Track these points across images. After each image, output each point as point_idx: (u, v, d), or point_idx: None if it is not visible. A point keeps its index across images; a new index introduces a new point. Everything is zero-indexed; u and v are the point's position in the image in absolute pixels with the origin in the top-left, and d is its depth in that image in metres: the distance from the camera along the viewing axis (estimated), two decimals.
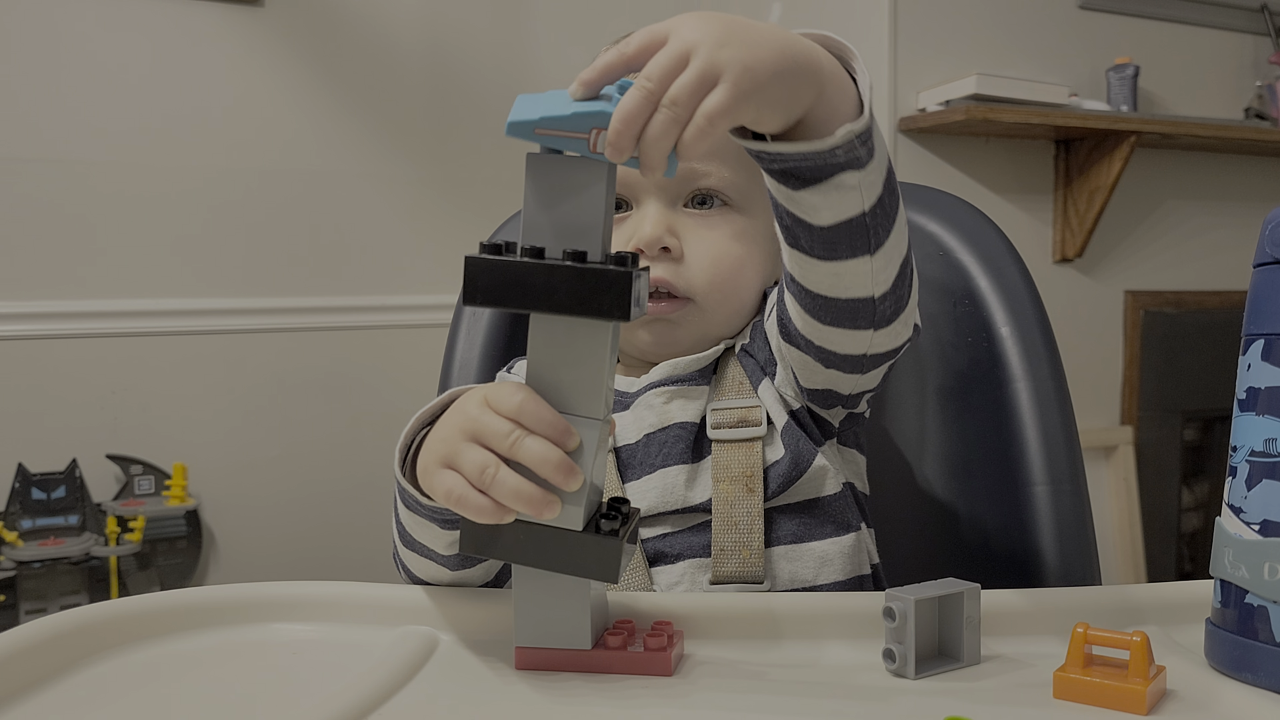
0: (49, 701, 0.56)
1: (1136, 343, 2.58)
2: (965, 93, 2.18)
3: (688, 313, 0.81)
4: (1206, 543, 0.71)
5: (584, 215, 0.53)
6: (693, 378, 0.81)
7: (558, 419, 0.55)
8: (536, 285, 0.52)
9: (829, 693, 0.55)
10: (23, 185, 2.08)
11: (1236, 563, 0.54)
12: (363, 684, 0.56)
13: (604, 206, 0.53)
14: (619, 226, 0.81)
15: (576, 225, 0.53)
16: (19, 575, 2.01)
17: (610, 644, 0.58)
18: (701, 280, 0.80)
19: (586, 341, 0.54)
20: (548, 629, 0.58)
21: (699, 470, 0.78)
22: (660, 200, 0.80)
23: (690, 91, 0.52)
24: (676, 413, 0.80)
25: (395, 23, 2.38)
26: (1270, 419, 0.53)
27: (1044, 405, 0.87)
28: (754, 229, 0.83)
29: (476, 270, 0.52)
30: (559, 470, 0.54)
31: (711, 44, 0.52)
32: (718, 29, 0.53)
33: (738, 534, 0.75)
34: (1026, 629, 0.63)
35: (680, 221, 0.80)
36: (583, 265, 0.51)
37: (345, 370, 2.31)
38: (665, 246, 0.79)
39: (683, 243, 0.80)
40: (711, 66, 0.52)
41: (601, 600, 0.61)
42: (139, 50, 2.16)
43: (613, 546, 0.54)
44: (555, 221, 0.53)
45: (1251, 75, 2.71)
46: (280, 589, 0.69)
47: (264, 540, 2.27)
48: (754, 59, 0.53)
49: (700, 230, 0.80)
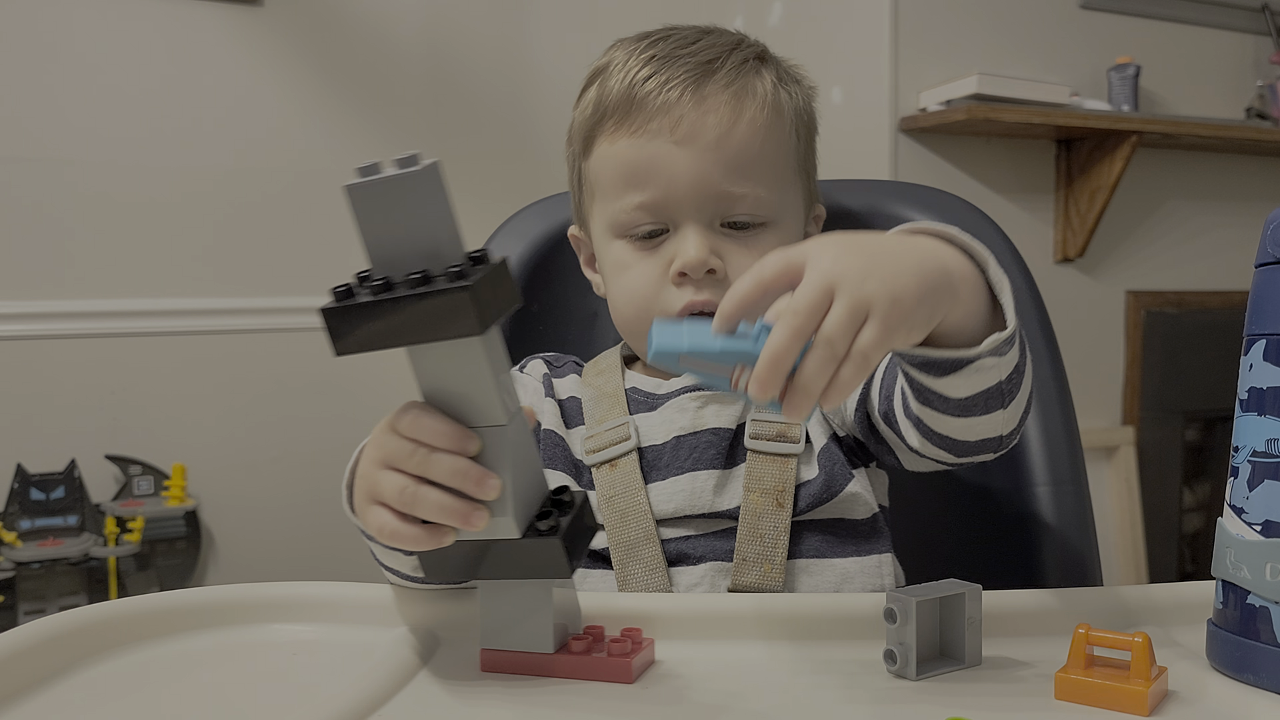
0: (48, 702, 0.56)
1: (1138, 343, 2.58)
2: (966, 92, 2.17)
3: None
4: (1208, 543, 0.71)
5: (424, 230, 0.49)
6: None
7: (451, 428, 0.53)
8: (390, 322, 0.49)
9: (830, 694, 0.55)
10: (21, 185, 2.08)
11: (1238, 563, 0.54)
12: (362, 685, 0.55)
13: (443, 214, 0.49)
14: (655, 252, 0.81)
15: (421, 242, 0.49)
16: (18, 576, 2.01)
17: (574, 649, 0.58)
18: None
19: (461, 357, 0.52)
20: (511, 632, 0.58)
21: (730, 477, 0.78)
22: (699, 223, 0.79)
23: (844, 330, 0.50)
24: (710, 418, 0.80)
25: (395, 22, 2.38)
26: (1272, 419, 0.53)
27: (1045, 405, 0.87)
28: (786, 240, 0.83)
29: (333, 321, 0.50)
30: (469, 480, 0.52)
31: (856, 278, 0.51)
32: (858, 260, 0.52)
33: (762, 546, 0.75)
34: (1028, 630, 0.63)
35: (720, 243, 0.80)
36: (425, 292, 0.48)
37: (345, 371, 2.30)
38: (710, 269, 0.78)
39: (725, 264, 0.79)
40: (860, 302, 0.51)
41: (571, 605, 0.61)
42: (139, 51, 2.16)
43: (553, 546, 0.53)
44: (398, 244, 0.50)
45: (1253, 75, 2.70)
46: (279, 589, 0.69)
47: (263, 541, 2.27)
48: (899, 289, 0.52)
49: (741, 251, 0.80)
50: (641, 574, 0.76)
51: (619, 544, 0.76)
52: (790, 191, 0.84)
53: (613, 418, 0.82)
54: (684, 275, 0.79)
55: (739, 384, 0.51)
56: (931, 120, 2.22)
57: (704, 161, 0.78)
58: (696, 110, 0.78)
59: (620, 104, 0.80)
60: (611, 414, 0.82)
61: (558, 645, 0.58)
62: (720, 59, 0.81)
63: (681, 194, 0.79)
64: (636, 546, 0.76)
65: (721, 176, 0.78)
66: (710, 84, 0.79)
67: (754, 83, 0.81)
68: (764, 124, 0.80)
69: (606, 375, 0.86)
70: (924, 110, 2.25)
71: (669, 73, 0.79)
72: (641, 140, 0.79)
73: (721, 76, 0.80)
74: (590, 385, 0.86)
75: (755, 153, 0.80)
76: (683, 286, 0.79)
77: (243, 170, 2.25)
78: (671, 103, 0.79)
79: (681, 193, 0.79)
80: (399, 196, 0.49)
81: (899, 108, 2.26)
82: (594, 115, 0.83)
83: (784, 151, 0.83)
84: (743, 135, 0.79)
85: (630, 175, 0.80)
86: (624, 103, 0.80)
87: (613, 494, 0.78)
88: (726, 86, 0.79)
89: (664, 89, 0.79)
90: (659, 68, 0.80)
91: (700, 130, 0.78)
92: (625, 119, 0.80)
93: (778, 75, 0.84)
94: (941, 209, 0.96)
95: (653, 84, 0.79)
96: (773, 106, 0.81)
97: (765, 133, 0.80)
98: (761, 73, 0.82)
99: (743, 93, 0.80)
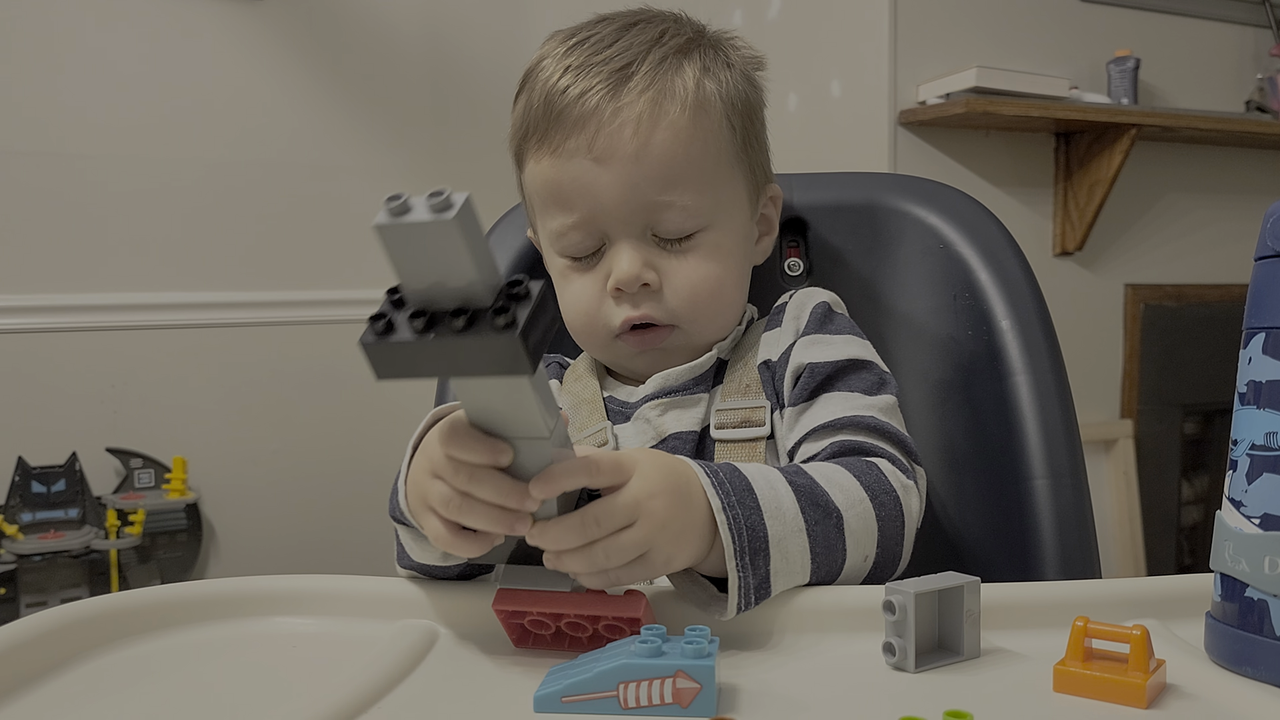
0: (49, 695, 0.56)
1: (1137, 336, 2.58)
2: (965, 86, 2.17)
3: (674, 337, 0.81)
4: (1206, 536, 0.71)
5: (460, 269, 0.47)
6: (687, 387, 0.82)
7: (485, 445, 0.54)
8: (434, 358, 0.48)
9: (828, 686, 0.55)
10: (21, 178, 2.08)
11: (1237, 556, 0.54)
12: (363, 677, 0.56)
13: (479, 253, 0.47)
14: (594, 268, 0.81)
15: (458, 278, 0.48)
16: (19, 568, 2.01)
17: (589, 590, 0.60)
18: (684, 307, 0.80)
19: (504, 386, 0.51)
20: (529, 574, 0.60)
21: None
22: (631, 236, 0.79)
23: (624, 556, 0.58)
24: (671, 424, 0.80)
25: (394, 16, 2.37)
26: (1271, 413, 0.53)
27: (1044, 398, 0.87)
28: (727, 239, 0.82)
29: (374, 357, 0.49)
30: (511, 499, 0.55)
31: (656, 526, 0.58)
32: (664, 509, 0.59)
33: None
34: (1026, 622, 0.63)
35: (654, 255, 0.79)
36: (468, 334, 0.47)
37: (345, 364, 2.31)
38: (645, 283, 0.79)
39: (660, 274, 0.79)
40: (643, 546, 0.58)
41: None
42: (139, 45, 2.15)
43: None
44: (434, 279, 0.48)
45: (1252, 68, 2.70)
46: (280, 582, 0.69)
47: (264, 533, 2.27)
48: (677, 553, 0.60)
49: (675, 260, 0.80)
50: None
51: None
52: (726, 188, 0.81)
53: (592, 424, 0.83)
54: (620, 290, 0.79)
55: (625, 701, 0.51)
56: (930, 113, 2.21)
57: (625, 177, 0.76)
58: (613, 122, 0.76)
59: (540, 119, 0.79)
60: (591, 421, 0.83)
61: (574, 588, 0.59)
62: (637, 61, 0.78)
63: (608, 212, 0.78)
64: None
65: (646, 188, 0.77)
66: (625, 92, 0.76)
67: (673, 83, 0.78)
68: (686, 126, 0.77)
69: (584, 382, 0.87)
70: (923, 103, 2.25)
71: (585, 82, 0.77)
72: (561, 160, 0.78)
73: (637, 82, 0.77)
74: (569, 392, 0.87)
75: (680, 159, 0.77)
76: (620, 302, 0.80)
77: (243, 164, 2.25)
78: (588, 115, 0.76)
79: (608, 210, 0.78)
80: (433, 239, 0.47)
81: (898, 101, 2.25)
82: (520, 129, 0.82)
83: (713, 149, 0.80)
84: (663, 143, 0.76)
85: (556, 196, 0.79)
86: (544, 117, 0.78)
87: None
88: (643, 92, 0.76)
89: (580, 101, 0.77)
90: (575, 78, 0.78)
91: (617, 145, 0.76)
92: (546, 137, 0.79)
93: (703, 65, 0.80)
94: (941, 202, 0.96)
95: (570, 95, 0.77)
96: (695, 105, 0.78)
97: (689, 135, 0.77)
98: (683, 68, 0.78)
99: (661, 97, 0.77)
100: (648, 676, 0.51)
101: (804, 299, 0.85)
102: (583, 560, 0.57)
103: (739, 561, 0.60)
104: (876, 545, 0.67)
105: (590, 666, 0.52)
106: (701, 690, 0.51)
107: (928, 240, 0.95)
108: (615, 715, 0.51)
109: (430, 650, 0.62)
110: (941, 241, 0.94)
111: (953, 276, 0.93)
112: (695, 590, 0.63)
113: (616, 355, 0.84)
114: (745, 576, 0.61)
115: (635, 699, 0.51)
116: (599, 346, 0.84)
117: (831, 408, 0.76)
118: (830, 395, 0.78)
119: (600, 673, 0.51)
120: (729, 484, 0.62)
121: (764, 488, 0.63)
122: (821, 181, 1.01)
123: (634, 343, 0.81)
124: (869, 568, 0.68)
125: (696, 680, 0.51)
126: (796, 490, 0.64)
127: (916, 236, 0.96)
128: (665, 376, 0.82)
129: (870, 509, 0.67)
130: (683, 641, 0.52)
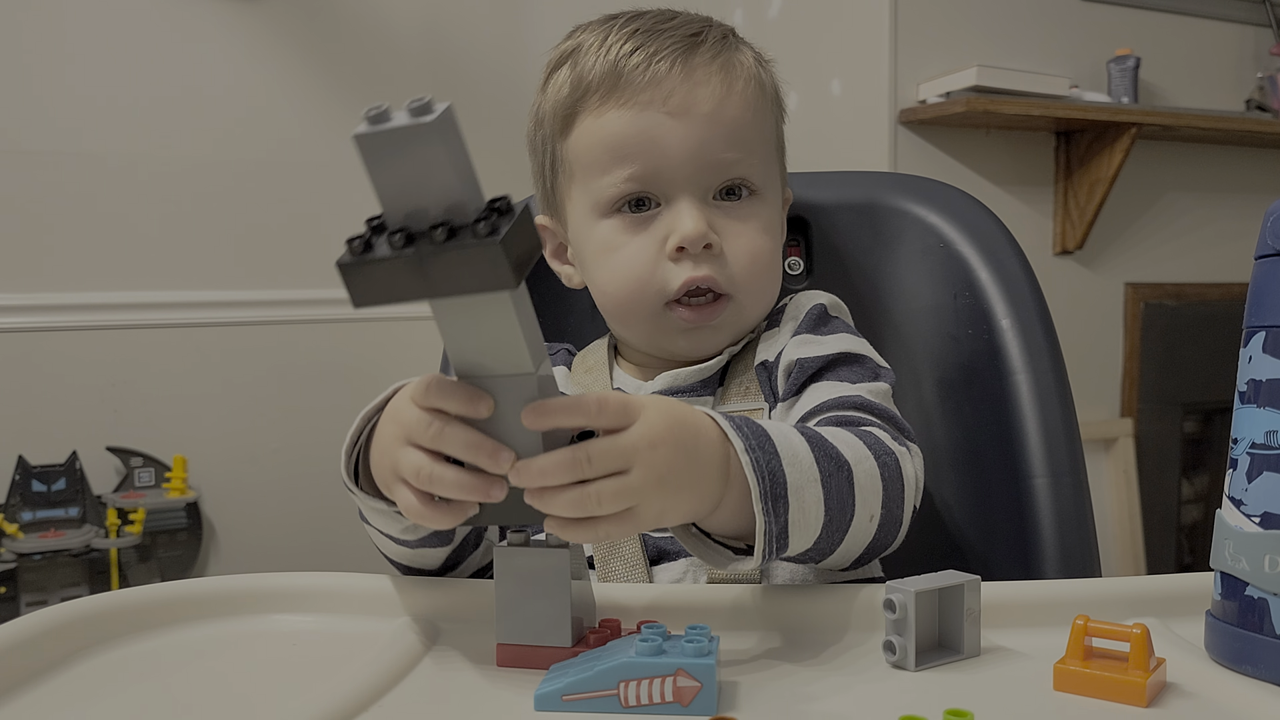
0: (50, 693, 0.56)
1: (1137, 335, 2.58)
2: (966, 84, 2.17)
3: (728, 313, 0.80)
4: (1206, 535, 0.71)
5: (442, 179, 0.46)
6: (694, 388, 0.81)
7: (463, 391, 0.53)
8: (415, 277, 0.46)
9: (828, 685, 0.55)
10: (21, 178, 2.08)
11: (1237, 555, 0.54)
12: (364, 675, 0.56)
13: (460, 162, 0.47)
14: (647, 228, 0.79)
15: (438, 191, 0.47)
16: (19, 567, 2.01)
17: (591, 642, 0.58)
18: (743, 274, 0.79)
19: (487, 309, 0.49)
20: (528, 626, 0.58)
21: None
22: (693, 195, 0.78)
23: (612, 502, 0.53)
24: None
25: (392, 13, 2.37)
26: (1271, 411, 0.53)
27: (1044, 397, 0.87)
28: (775, 218, 0.83)
29: (351, 276, 0.47)
30: (483, 453, 0.53)
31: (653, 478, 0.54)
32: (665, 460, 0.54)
33: None
34: (1026, 621, 0.63)
35: (714, 216, 0.78)
36: (449, 245, 0.45)
37: (345, 362, 2.31)
38: (708, 244, 0.77)
39: (721, 238, 0.78)
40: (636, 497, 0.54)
41: (587, 597, 0.61)
42: (139, 44, 2.15)
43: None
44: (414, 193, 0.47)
45: (1252, 67, 2.70)
46: (280, 580, 0.69)
47: (264, 532, 2.27)
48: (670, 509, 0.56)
49: (734, 224, 0.79)
50: (623, 570, 0.75)
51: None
52: (772, 166, 0.84)
53: None
54: (682, 250, 0.77)
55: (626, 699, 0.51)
56: (931, 112, 2.21)
57: (700, 132, 0.77)
58: (687, 82, 0.77)
59: (605, 79, 0.78)
60: None
61: (575, 639, 0.58)
62: (704, 33, 0.80)
63: (675, 166, 0.77)
64: (619, 543, 0.76)
65: (717, 145, 0.78)
66: (697, 56, 0.78)
67: (738, 57, 0.81)
68: (753, 97, 0.80)
69: (595, 373, 0.86)
70: (923, 102, 2.25)
71: (654, 45, 0.78)
72: (632, 112, 0.77)
73: (707, 49, 0.79)
74: (578, 383, 0.86)
75: (748, 125, 0.80)
76: (680, 262, 0.77)
77: (242, 163, 2.25)
78: (661, 75, 0.77)
79: (675, 165, 0.77)
80: (413, 146, 0.46)
81: (898, 100, 2.25)
82: (573, 93, 0.80)
83: (767, 128, 0.83)
84: (735, 106, 0.79)
85: (619, 148, 0.78)
86: (609, 77, 0.78)
87: None
88: (714, 59, 0.79)
89: (652, 61, 0.77)
90: (643, 41, 0.78)
91: (694, 102, 0.77)
92: (612, 92, 0.78)
93: (755, 54, 0.84)
94: (941, 200, 0.96)
95: (639, 57, 0.78)
96: (758, 81, 0.81)
97: (756, 106, 0.81)
98: (742, 49, 0.82)
99: (729, 65, 0.79)
100: (648, 675, 0.51)
101: (803, 300, 0.85)
102: (568, 502, 0.53)
103: (764, 505, 0.58)
104: (881, 505, 0.66)
105: (591, 665, 0.52)
106: (702, 689, 0.51)
107: (928, 239, 0.95)
108: (616, 714, 0.51)
109: (430, 649, 0.62)
110: (942, 240, 0.94)
111: (953, 275, 0.93)
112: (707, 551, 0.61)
113: (661, 329, 0.80)
114: (769, 521, 0.58)
115: (636, 697, 0.51)
116: (645, 317, 0.80)
117: (819, 395, 0.76)
118: (819, 385, 0.77)
119: (601, 671, 0.51)
120: (747, 429, 0.60)
121: (779, 436, 0.61)
122: (822, 180, 1.01)
123: (689, 317, 0.79)
124: (874, 529, 0.66)
125: (697, 679, 0.51)
126: (809, 441, 0.62)
127: (917, 235, 0.96)
128: (675, 376, 0.81)
129: (875, 466, 0.65)
130: (683, 640, 0.52)
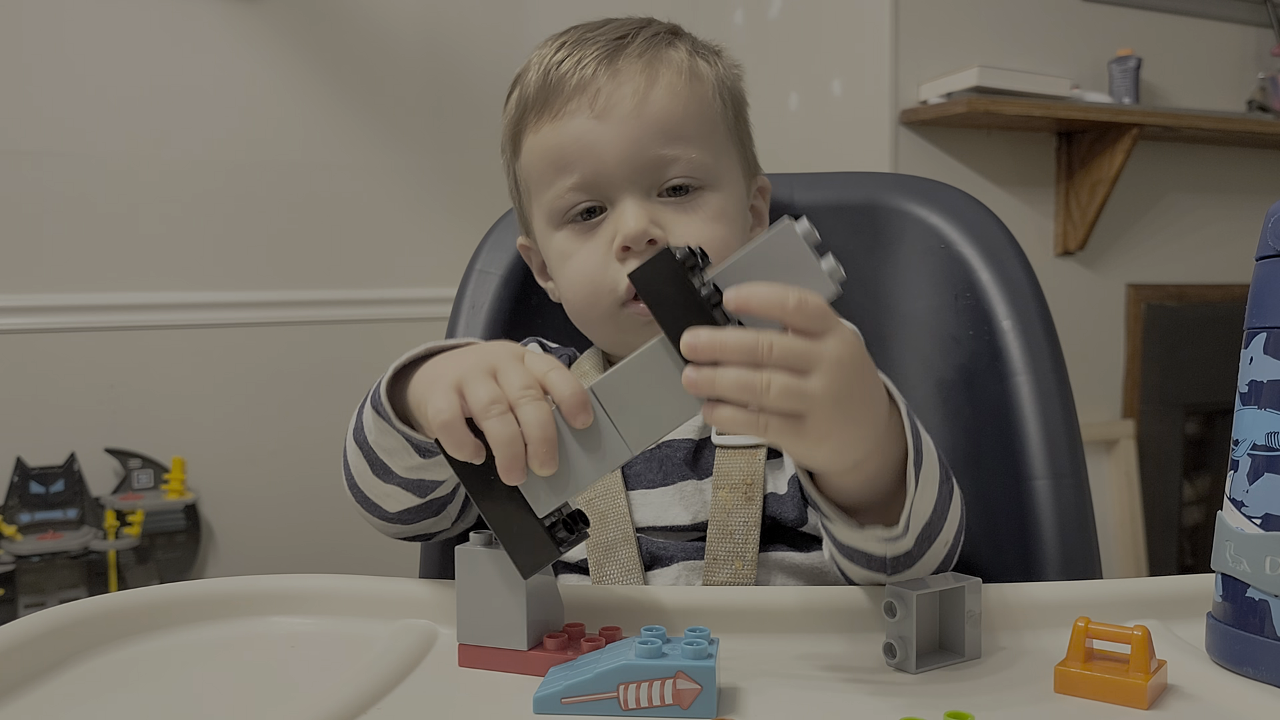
0: (48, 695, 0.56)
1: (1138, 336, 2.58)
2: (967, 85, 2.17)
3: None
4: (1207, 537, 0.71)
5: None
6: None
7: (581, 394, 0.54)
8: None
9: (829, 687, 0.55)
10: (20, 178, 2.08)
11: (1238, 557, 0.54)
12: (362, 677, 0.55)
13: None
14: (596, 233, 0.79)
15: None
16: (18, 569, 2.01)
17: (548, 646, 0.58)
18: None
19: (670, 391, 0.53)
20: (487, 627, 0.58)
21: (700, 487, 0.78)
22: (636, 195, 0.78)
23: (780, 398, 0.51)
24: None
25: (392, 14, 2.37)
26: (1272, 413, 0.53)
27: (1045, 398, 0.87)
28: (729, 205, 0.81)
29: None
30: (541, 444, 0.53)
31: (831, 394, 0.51)
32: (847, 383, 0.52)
33: (732, 544, 0.74)
34: (1027, 623, 0.63)
35: (659, 212, 0.78)
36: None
37: (343, 363, 2.31)
38: (651, 239, 0.76)
39: (666, 231, 0.77)
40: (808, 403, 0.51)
41: (552, 600, 0.61)
42: (139, 45, 2.15)
43: (548, 551, 0.55)
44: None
45: (1254, 67, 2.70)
46: (279, 582, 0.69)
47: (263, 533, 2.27)
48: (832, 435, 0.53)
49: (681, 216, 0.78)
50: (618, 574, 0.75)
51: (597, 544, 0.76)
52: (725, 156, 0.82)
53: None
54: (627, 249, 0.76)
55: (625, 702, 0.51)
56: (932, 113, 2.21)
57: (626, 130, 0.77)
58: (611, 83, 0.77)
59: (538, 93, 0.79)
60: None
61: (533, 643, 0.58)
62: (630, 35, 0.80)
63: (612, 168, 0.77)
64: (614, 548, 0.76)
65: (648, 142, 0.77)
66: (622, 57, 0.78)
67: (667, 52, 0.80)
68: (683, 87, 0.79)
69: (589, 379, 0.86)
70: (924, 103, 2.25)
71: (580, 52, 0.79)
72: (561, 123, 0.78)
73: (634, 49, 0.79)
74: None
75: (679, 115, 0.78)
76: (627, 261, 0.77)
77: (242, 165, 2.25)
78: (586, 80, 0.77)
79: (612, 167, 0.77)
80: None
81: (899, 100, 2.25)
82: (517, 113, 0.82)
83: (709, 115, 0.81)
84: (661, 99, 0.78)
85: (558, 160, 0.78)
86: (541, 92, 0.79)
87: (593, 495, 0.78)
88: (639, 56, 0.79)
89: (577, 68, 0.78)
90: (572, 50, 0.79)
91: (617, 100, 0.77)
92: (545, 107, 0.79)
93: (692, 46, 0.83)
94: (942, 201, 0.96)
95: (566, 66, 0.78)
96: (689, 72, 0.80)
97: (686, 95, 0.79)
98: (674, 44, 0.81)
99: (656, 60, 0.79)
100: (648, 678, 0.51)
101: None
102: (735, 380, 0.50)
103: (916, 471, 0.57)
104: (955, 534, 0.65)
105: (590, 667, 0.52)
106: (702, 691, 0.51)
107: (929, 240, 0.94)
108: (615, 716, 0.51)
109: (430, 650, 0.62)
110: (943, 241, 0.94)
111: (954, 276, 0.93)
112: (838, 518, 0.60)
113: (621, 330, 0.80)
114: (913, 492, 0.58)
115: (635, 700, 0.51)
116: (603, 319, 0.80)
117: None
118: None
119: (600, 674, 0.51)
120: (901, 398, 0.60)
121: (920, 425, 0.61)
122: (822, 181, 1.01)
123: (645, 312, 0.79)
124: (942, 555, 0.65)
125: (697, 681, 0.51)
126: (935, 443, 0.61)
127: (918, 236, 0.96)
128: None
129: (958, 494, 0.65)
130: (683, 642, 0.52)
